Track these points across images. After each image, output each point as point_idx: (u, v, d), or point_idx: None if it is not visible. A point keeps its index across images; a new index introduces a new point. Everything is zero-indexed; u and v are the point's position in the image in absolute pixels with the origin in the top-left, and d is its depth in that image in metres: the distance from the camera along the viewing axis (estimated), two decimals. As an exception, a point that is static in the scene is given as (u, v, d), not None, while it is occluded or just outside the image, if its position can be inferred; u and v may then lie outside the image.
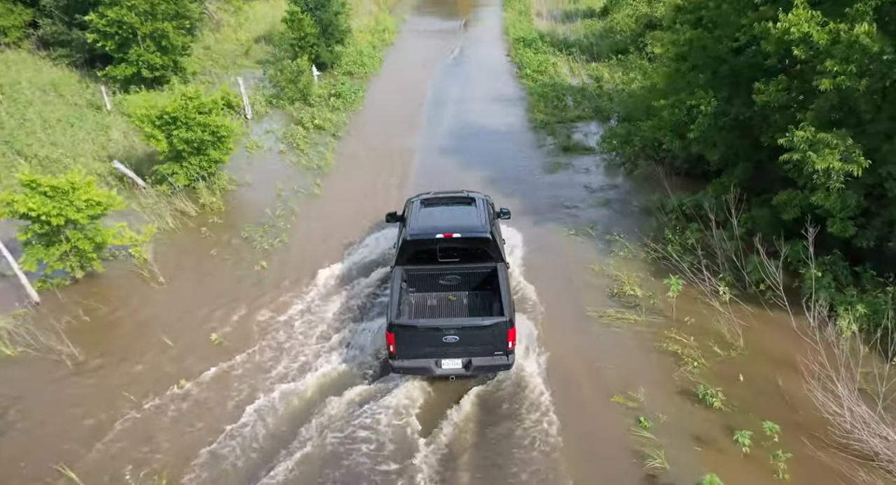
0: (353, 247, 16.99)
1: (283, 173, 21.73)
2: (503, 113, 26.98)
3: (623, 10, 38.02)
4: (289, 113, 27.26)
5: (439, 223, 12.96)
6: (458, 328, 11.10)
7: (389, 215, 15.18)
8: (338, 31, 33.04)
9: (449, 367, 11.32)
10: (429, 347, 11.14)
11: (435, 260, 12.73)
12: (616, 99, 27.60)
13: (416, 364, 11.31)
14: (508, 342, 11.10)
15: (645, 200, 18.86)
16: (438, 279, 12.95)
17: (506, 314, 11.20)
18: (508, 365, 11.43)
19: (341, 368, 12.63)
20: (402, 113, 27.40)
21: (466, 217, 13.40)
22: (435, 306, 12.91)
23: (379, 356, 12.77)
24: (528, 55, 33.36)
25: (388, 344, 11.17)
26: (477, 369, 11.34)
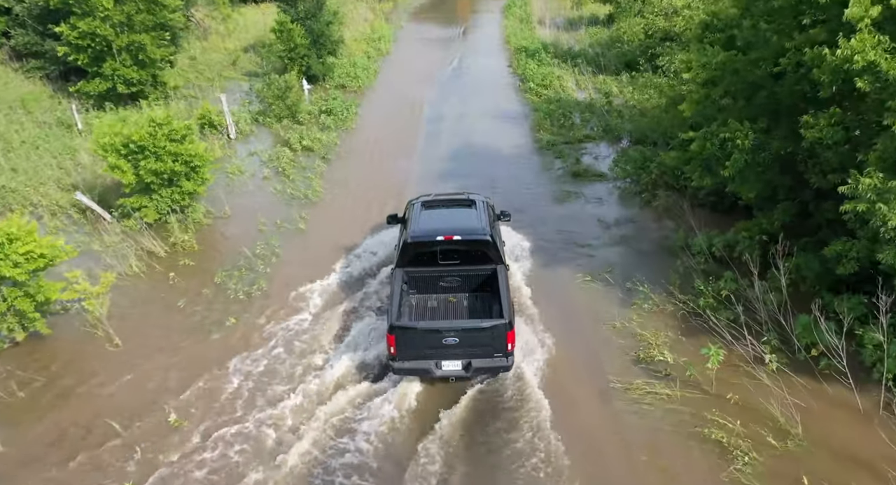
0: (339, 297, 14.89)
1: (266, 203, 19.63)
2: (506, 132, 24.91)
3: (630, 19, 36.06)
4: (276, 132, 25.17)
5: (440, 225, 12.90)
6: (457, 330, 11.16)
7: (390, 217, 15.07)
8: (330, 41, 30.98)
9: (449, 368, 11.35)
10: (429, 348, 11.14)
11: (435, 262, 12.72)
12: (627, 116, 25.56)
13: (416, 366, 11.33)
14: (508, 344, 11.12)
15: (667, 237, 16.79)
16: (439, 281, 12.91)
17: (505, 316, 11.19)
18: (508, 367, 11.46)
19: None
20: (397, 132, 25.32)
21: (467, 219, 13.35)
22: (435, 308, 12.85)
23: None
24: (531, 67, 31.29)
25: (389, 346, 11.12)
26: (477, 370, 11.39)
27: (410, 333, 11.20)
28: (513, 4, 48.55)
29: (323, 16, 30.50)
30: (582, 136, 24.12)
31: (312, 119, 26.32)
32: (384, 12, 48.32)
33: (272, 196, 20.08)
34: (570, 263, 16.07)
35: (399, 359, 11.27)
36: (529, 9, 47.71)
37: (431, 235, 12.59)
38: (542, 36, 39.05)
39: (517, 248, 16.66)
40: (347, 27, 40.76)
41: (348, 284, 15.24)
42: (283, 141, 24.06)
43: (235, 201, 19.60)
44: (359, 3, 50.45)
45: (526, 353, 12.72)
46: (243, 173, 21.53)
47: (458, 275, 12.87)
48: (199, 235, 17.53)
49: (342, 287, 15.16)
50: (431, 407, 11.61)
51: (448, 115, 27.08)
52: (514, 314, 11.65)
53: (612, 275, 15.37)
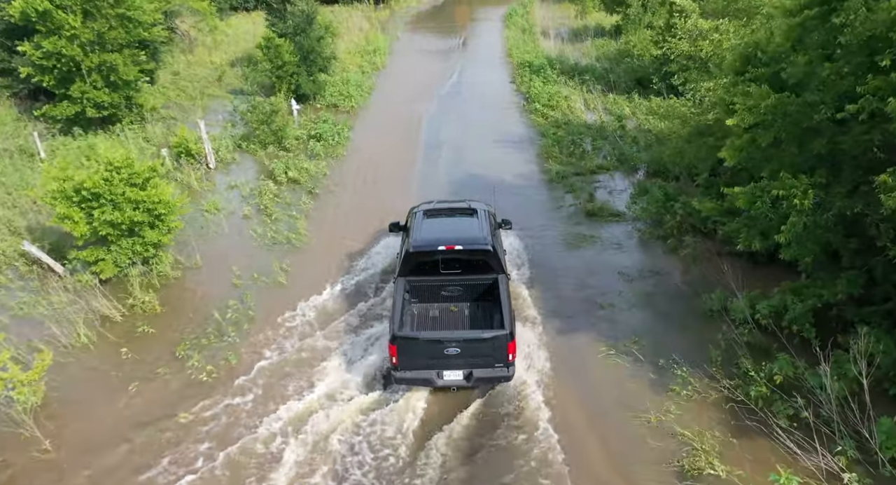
0: (316, 377, 12.55)
1: (243, 249, 17.29)
2: (511, 160, 22.60)
3: (639, 31, 33.77)
4: (260, 160, 22.84)
5: (441, 235, 12.83)
6: (459, 341, 11.13)
7: (392, 225, 14.94)
8: (321, 58, 28.64)
9: (450, 378, 11.34)
10: (431, 358, 11.12)
11: (437, 271, 12.66)
12: (642, 142, 23.28)
13: (418, 375, 11.30)
14: (509, 355, 11.11)
15: (700, 296, 14.47)
16: (440, 290, 12.85)
17: (506, 327, 11.16)
18: (509, 377, 11.43)
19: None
20: (391, 160, 22.98)
21: (468, 229, 13.26)
22: (437, 317, 12.80)
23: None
24: (536, 85, 28.97)
25: (391, 356, 11.11)
26: (478, 380, 11.37)
27: (412, 344, 11.18)
28: (514, 13, 46.33)
29: (313, 31, 28.15)
30: (594, 166, 21.82)
31: (300, 145, 24.01)
32: (380, 21, 46.00)
33: (251, 240, 17.73)
34: (590, 331, 13.76)
35: (401, 369, 11.20)
36: (531, 18, 45.43)
37: (433, 244, 12.47)
38: (546, 48, 36.77)
39: (530, 308, 14.38)
40: (341, 38, 38.54)
41: (336, 364, 12.88)
42: (267, 172, 21.70)
43: (209, 247, 17.25)
44: (354, 11, 48.24)
45: (540, 463, 10.40)
46: (220, 211, 19.18)
47: (459, 284, 12.80)
48: (164, 293, 15.17)
49: (329, 367, 12.81)
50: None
51: (447, 141, 24.75)
52: (514, 324, 11.54)
53: (640, 347, 13.07)
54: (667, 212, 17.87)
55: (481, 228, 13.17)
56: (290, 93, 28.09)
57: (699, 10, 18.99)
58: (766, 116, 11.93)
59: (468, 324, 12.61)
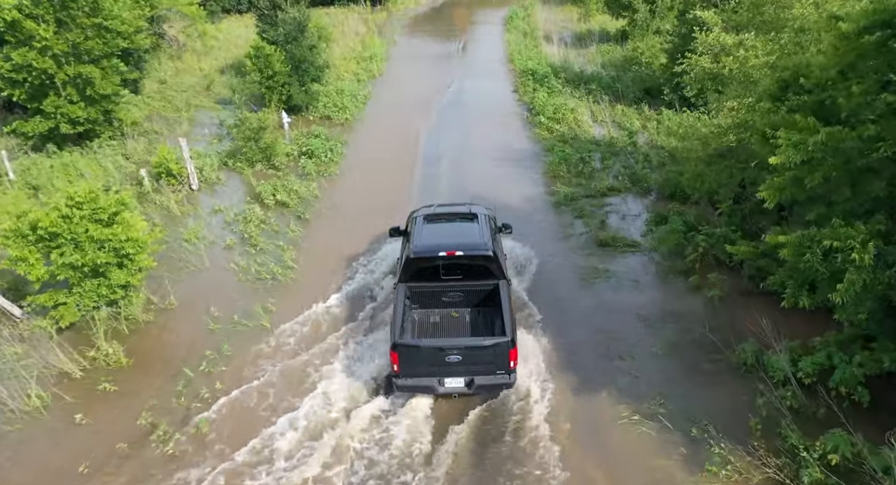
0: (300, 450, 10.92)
1: (224, 287, 15.65)
2: (516, 180, 20.96)
3: (647, 37, 32.11)
4: (247, 179, 21.16)
5: (442, 241, 12.63)
6: (460, 348, 10.99)
7: (393, 230, 14.68)
8: (313, 67, 26.91)
9: (452, 385, 11.19)
10: (432, 366, 10.99)
11: (438, 277, 12.54)
12: (655, 161, 21.67)
13: (419, 383, 11.18)
14: (510, 362, 10.97)
15: (730, 345, 12.87)
16: (441, 296, 12.74)
17: (507, 334, 11.05)
18: (510, 384, 11.29)
19: None
20: (387, 180, 21.32)
21: (469, 234, 13.06)
22: (438, 323, 12.69)
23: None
24: (540, 97, 27.29)
25: (392, 363, 10.98)
26: (479, 387, 11.20)
27: (414, 351, 11.03)
28: (515, 16, 44.62)
29: (305, 39, 26.43)
30: (605, 188, 20.17)
31: (291, 162, 22.36)
32: (377, 24, 44.28)
33: (233, 275, 16.08)
34: (609, 388, 12.16)
35: (402, 376, 11.09)
36: (533, 21, 43.73)
37: (434, 250, 12.30)
38: (550, 54, 35.08)
39: (541, 360, 12.78)
40: (336, 43, 36.94)
41: (321, 431, 11.25)
42: (254, 194, 20.04)
43: (186, 284, 15.61)
44: (350, 13, 46.60)
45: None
46: (201, 240, 17.53)
47: (460, 290, 12.68)
48: (132, 342, 13.54)
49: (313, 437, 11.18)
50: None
51: (447, 157, 23.09)
52: (516, 330, 11.40)
53: (667, 411, 11.46)
54: (687, 243, 16.28)
55: (482, 234, 12.98)
56: (280, 104, 26.44)
57: (721, 23, 17.31)
58: (814, 153, 10.29)
59: (469, 330, 12.51)
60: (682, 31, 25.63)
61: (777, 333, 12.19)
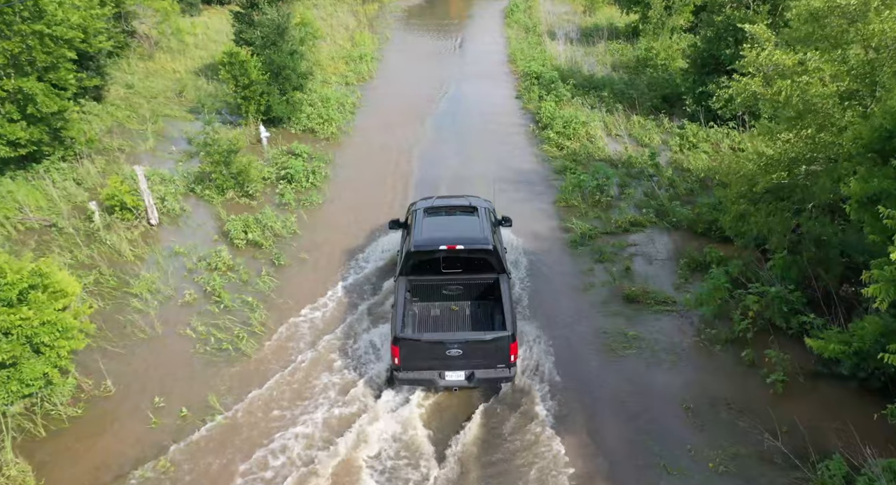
0: None
1: (175, 363, 12.80)
2: (524, 210, 18.08)
3: (664, 36, 29.09)
4: (217, 211, 18.21)
5: (443, 234, 12.51)
6: (461, 342, 10.87)
7: (393, 222, 14.61)
8: (295, 74, 23.81)
9: (452, 379, 11.07)
10: (433, 359, 10.88)
11: (438, 270, 12.43)
12: (682, 188, 18.85)
13: (420, 376, 11.08)
14: (511, 356, 10.87)
15: (805, 452, 10.14)
16: (441, 289, 12.60)
17: (508, 328, 10.95)
18: (510, 377, 11.17)
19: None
20: (376, 212, 18.39)
21: (469, 228, 12.94)
22: (438, 317, 12.56)
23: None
24: (547, 107, 24.30)
25: (393, 357, 10.88)
26: (480, 381, 11.07)
27: (415, 345, 10.97)
28: (515, 9, 41.46)
29: (286, 43, 23.31)
30: (627, 222, 17.35)
31: (268, 188, 19.44)
32: (368, 17, 41.05)
33: (188, 344, 13.24)
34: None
35: (403, 370, 11.00)
36: (535, 14, 40.54)
37: (434, 243, 12.19)
38: (554, 53, 32.01)
39: (562, 471, 10.05)
40: (324, 40, 33.70)
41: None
42: (222, 231, 17.12)
43: (129, 360, 12.76)
44: (340, 4, 43.29)
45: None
46: (155, 295, 14.64)
47: (460, 283, 12.57)
48: (49, 452, 10.70)
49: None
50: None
51: (444, 181, 20.14)
52: (517, 325, 11.38)
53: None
54: (733, 302, 13.52)
55: (482, 227, 12.84)
56: (258, 116, 23.42)
57: (773, 37, 14.36)
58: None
59: (469, 323, 12.40)
60: (707, 35, 22.64)
61: (863, 435, 9.47)
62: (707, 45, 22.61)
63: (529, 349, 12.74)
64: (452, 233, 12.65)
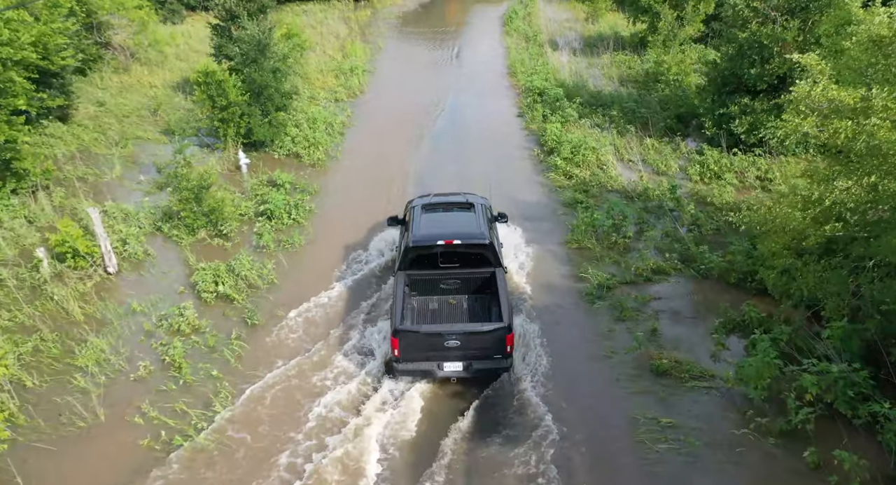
0: None
1: (113, 462, 10.48)
2: (529, 256, 15.81)
3: (675, 49, 26.87)
4: (185, 255, 15.91)
5: (440, 230, 12.70)
6: (459, 334, 11.03)
7: (391, 219, 14.68)
8: (278, 94, 21.47)
9: (450, 369, 11.23)
10: (431, 351, 11.06)
11: (436, 265, 12.60)
12: (708, 226, 16.66)
13: (419, 367, 11.25)
14: (507, 346, 11.05)
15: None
16: (439, 283, 12.76)
17: (505, 320, 11.14)
18: (507, 368, 11.39)
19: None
20: (366, 253, 16.09)
21: (466, 224, 13.10)
22: (436, 310, 12.70)
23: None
24: (553, 129, 22.03)
25: (393, 348, 11.06)
26: (477, 371, 11.23)
27: (414, 337, 11.06)
28: (514, 15, 39.20)
29: (267, 60, 20.95)
30: (648, 269, 15.13)
31: (245, 226, 17.19)
32: (360, 24, 38.73)
33: (135, 433, 10.93)
34: None
35: (402, 361, 11.13)
36: (535, 22, 38.24)
37: (432, 239, 12.36)
38: (557, 65, 29.78)
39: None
40: (313, 50, 31.37)
41: None
42: (189, 283, 14.83)
43: (57, 463, 10.42)
44: (330, 10, 41.03)
45: None
46: (103, 367, 12.34)
47: (457, 277, 12.70)
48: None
49: None
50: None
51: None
52: (513, 317, 11.56)
53: None
54: (785, 380, 11.27)
55: (479, 223, 13.02)
56: (238, 139, 21.11)
57: (826, 68, 12.08)
58: None
59: (467, 316, 12.50)
60: (728, 52, 20.39)
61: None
62: (728, 63, 20.36)
63: (539, 447, 10.49)
64: (450, 228, 12.78)
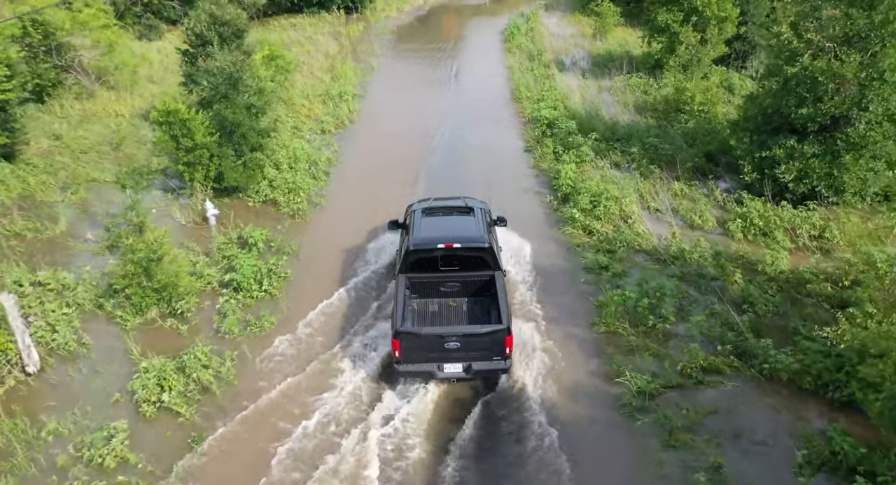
0: None
1: None
2: (547, 346, 12.67)
3: (696, 74, 23.82)
4: (129, 344, 12.69)
5: (440, 233, 12.71)
6: (459, 335, 11.00)
7: (392, 223, 14.58)
8: (254, 132, 18.27)
9: (450, 371, 11.17)
10: (432, 352, 11.01)
11: (436, 268, 12.55)
12: (760, 301, 13.48)
13: (419, 368, 11.19)
14: (506, 348, 10.96)
15: None
16: (439, 286, 12.72)
17: (504, 322, 11.07)
18: (506, 369, 11.28)
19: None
20: (352, 340, 12.95)
21: (466, 227, 13.10)
22: (436, 312, 12.69)
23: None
24: (567, 172, 18.93)
25: (394, 350, 11.02)
26: (477, 372, 11.15)
27: (414, 338, 11.05)
28: (516, 31, 35.95)
29: (240, 97, 17.73)
30: (697, 367, 12.05)
31: (208, 299, 13.99)
32: (352, 41, 35.49)
33: None
34: None
35: (404, 362, 11.07)
36: (539, 38, 35.05)
37: (432, 242, 12.36)
38: (565, 89, 26.64)
39: None
40: (300, 70, 28.22)
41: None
42: (127, 388, 11.62)
43: None
44: (321, 24, 37.84)
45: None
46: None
47: (457, 280, 12.66)
48: None
49: None
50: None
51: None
52: (511, 319, 11.45)
53: None
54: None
55: (478, 227, 12.96)
56: (208, 183, 17.94)
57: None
58: None
59: (466, 319, 12.44)
60: (772, 87, 17.32)
61: None
62: (772, 100, 17.25)
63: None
64: (450, 232, 12.78)
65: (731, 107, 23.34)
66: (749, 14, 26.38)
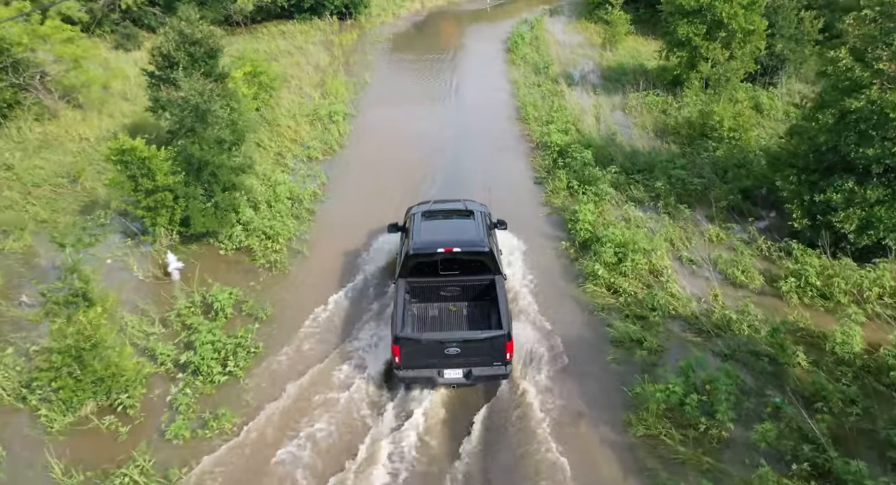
0: None
1: None
2: (569, 455, 10.00)
3: (724, 95, 21.12)
4: (50, 458, 9.92)
5: (440, 237, 12.39)
6: (459, 341, 10.82)
7: (391, 226, 14.22)
8: (226, 169, 15.48)
9: (451, 376, 10.95)
10: (432, 358, 10.79)
11: (436, 272, 12.30)
12: (835, 396, 10.76)
13: (419, 374, 10.96)
14: (507, 354, 10.77)
15: None
16: (439, 290, 12.48)
17: (504, 327, 10.84)
18: (507, 374, 11.00)
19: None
20: (335, 430, 10.23)
21: (466, 231, 12.78)
22: (436, 317, 12.39)
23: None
24: (585, 213, 16.17)
25: (394, 355, 10.81)
26: (477, 378, 10.95)
27: (414, 344, 10.89)
28: (520, 40, 33.17)
29: (210, 129, 14.92)
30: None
31: (159, 386, 11.23)
32: (344, 51, 32.64)
33: None
34: None
35: (404, 368, 10.86)
36: (545, 48, 32.23)
37: (432, 246, 12.07)
38: (575, 107, 23.90)
39: None
40: (288, 85, 25.47)
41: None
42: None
43: None
44: (312, 31, 35.05)
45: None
46: None
47: (457, 285, 12.42)
48: None
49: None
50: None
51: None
52: (512, 324, 11.14)
53: None
54: None
55: (478, 231, 12.65)
56: (173, 228, 15.19)
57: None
58: None
59: (466, 323, 12.19)
60: (827, 122, 14.59)
61: None
62: (827, 135, 14.51)
63: None
64: (450, 236, 12.44)
65: (763, 130, 20.66)
66: (777, 26, 23.64)
